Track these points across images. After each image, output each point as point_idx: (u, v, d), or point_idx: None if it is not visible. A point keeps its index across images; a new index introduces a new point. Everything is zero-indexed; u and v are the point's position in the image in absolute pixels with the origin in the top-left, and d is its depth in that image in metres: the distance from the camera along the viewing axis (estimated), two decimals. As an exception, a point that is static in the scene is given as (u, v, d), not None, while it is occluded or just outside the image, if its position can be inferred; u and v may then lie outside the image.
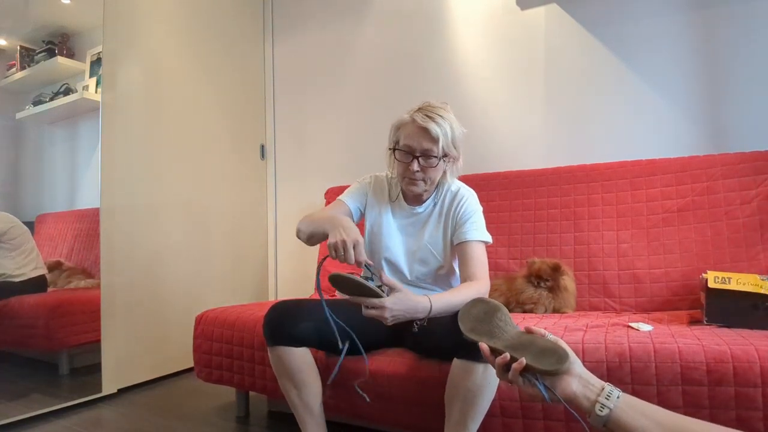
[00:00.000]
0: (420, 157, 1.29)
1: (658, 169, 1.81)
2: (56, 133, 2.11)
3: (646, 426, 0.66)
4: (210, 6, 2.62)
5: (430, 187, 1.35)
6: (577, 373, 0.76)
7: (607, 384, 0.73)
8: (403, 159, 1.31)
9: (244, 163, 2.80)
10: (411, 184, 1.33)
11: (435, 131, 1.26)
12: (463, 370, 1.09)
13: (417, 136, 1.28)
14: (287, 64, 2.88)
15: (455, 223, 1.35)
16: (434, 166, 1.30)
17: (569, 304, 1.70)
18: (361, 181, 1.49)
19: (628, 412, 0.68)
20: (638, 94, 1.99)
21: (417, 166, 1.29)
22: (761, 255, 1.59)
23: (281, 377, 1.30)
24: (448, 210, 1.37)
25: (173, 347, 2.32)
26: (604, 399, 0.70)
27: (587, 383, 0.75)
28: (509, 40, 2.24)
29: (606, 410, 0.69)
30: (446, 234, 1.37)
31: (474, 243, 1.31)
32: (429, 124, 1.26)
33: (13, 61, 1.98)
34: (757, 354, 1.04)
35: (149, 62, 2.29)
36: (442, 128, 1.27)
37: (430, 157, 1.29)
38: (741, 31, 1.83)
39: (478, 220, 1.35)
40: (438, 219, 1.38)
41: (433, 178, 1.33)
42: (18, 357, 2.02)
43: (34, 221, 2.00)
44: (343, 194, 1.46)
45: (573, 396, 0.74)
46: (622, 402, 0.69)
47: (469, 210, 1.35)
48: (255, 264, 2.83)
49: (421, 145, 1.28)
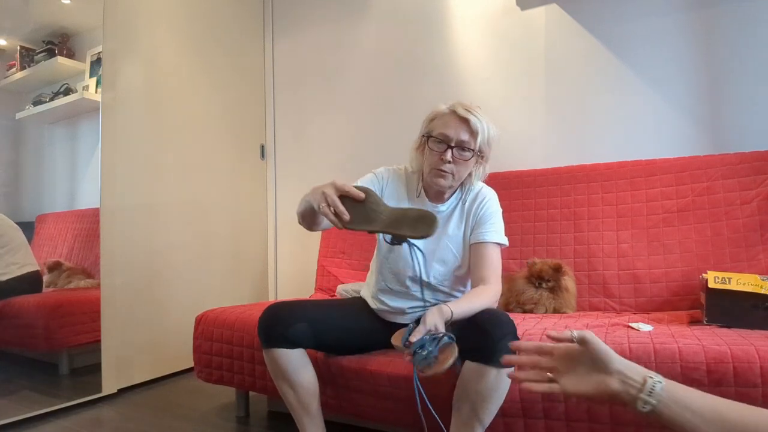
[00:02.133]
0: (455, 148, 1.27)
1: (658, 169, 1.81)
2: (56, 133, 2.11)
3: (690, 420, 0.65)
4: (210, 6, 2.62)
5: (455, 183, 1.33)
6: (616, 370, 0.73)
7: (649, 376, 0.70)
8: (437, 148, 1.28)
9: (244, 163, 2.80)
10: (439, 176, 1.29)
11: (475, 124, 1.25)
12: (476, 373, 1.07)
13: (456, 126, 1.26)
14: (287, 64, 2.88)
15: (475, 223, 1.34)
16: (467, 160, 1.28)
17: (569, 304, 1.70)
18: (376, 172, 1.42)
19: (671, 407, 0.66)
20: (638, 94, 1.99)
21: (450, 156, 1.26)
22: (761, 255, 1.59)
23: (277, 379, 1.30)
24: (470, 208, 1.36)
25: (173, 347, 2.32)
26: (646, 396, 0.68)
27: (627, 378, 0.72)
28: (509, 40, 2.24)
29: (648, 407, 0.68)
30: (466, 232, 1.35)
31: (490, 245, 1.30)
32: (470, 117, 1.25)
33: (13, 61, 1.98)
34: (757, 354, 1.04)
35: (149, 62, 2.29)
36: (482, 124, 1.26)
37: (465, 150, 1.27)
38: (741, 31, 1.83)
39: (497, 222, 1.34)
40: (460, 217, 1.36)
41: (461, 174, 1.31)
42: (18, 357, 2.02)
43: (34, 221, 2.00)
44: (357, 182, 1.37)
45: (616, 394, 0.72)
46: (666, 396, 0.67)
47: (490, 211, 1.34)
48: (255, 264, 2.83)
49: (459, 135, 1.26)
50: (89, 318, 2.03)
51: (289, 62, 2.87)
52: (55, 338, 2.00)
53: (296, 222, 1.34)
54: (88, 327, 2.03)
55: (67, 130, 2.13)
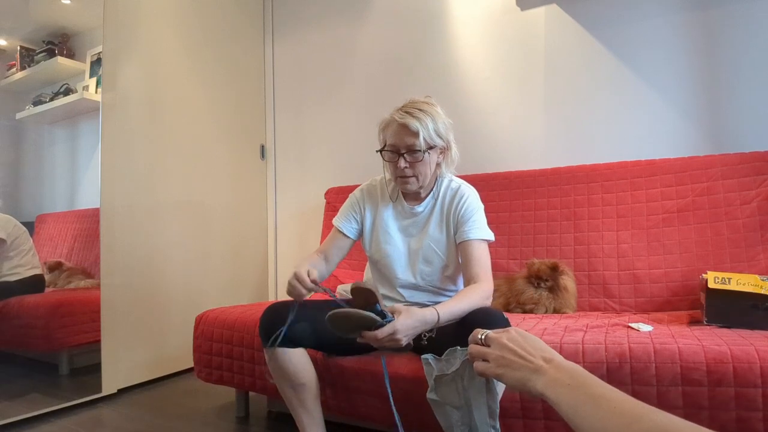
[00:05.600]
0: (405, 154, 1.29)
1: (658, 170, 1.81)
2: (56, 133, 2.11)
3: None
4: (210, 6, 2.62)
5: (423, 182, 1.35)
6: None
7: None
8: (390, 159, 1.32)
9: (244, 163, 2.80)
10: (404, 183, 1.33)
11: (414, 126, 1.26)
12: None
13: (398, 133, 1.28)
14: (287, 64, 2.88)
15: (457, 222, 1.35)
16: (420, 160, 1.30)
17: (569, 304, 1.70)
18: (351, 196, 1.48)
19: None
20: (638, 94, 1.99)
21: (404, 163, 1.29)
22: (761, 255, 1.59)
23: (278, 378, 1.30)
24: (449, 208, 1.37)
25: (173, 347, 2.32)
26: None
27: None
28: (509, 40, 2.24)
29: None
30: (449, 232, 1.37)
31: (476, 242, 1.31)
32: (407, 120, 1.26)
33: (13, 62, 1.98)
34: (757, 354, 1.04)
35: (149, 62, 2.29)
36: (422, 121, 1.27)
37: (414, 152, 1.29)
38: (741, 32, 1.83)
39: (479, 219, 1.34)
40: (440, 217, 1.38)
41: (424, 173, 1.32)
42: (18, 357, 2.02)
43: (34, 221, 2.00)
44: (337, 217, 1.46)
45: None
46: None
47: (471, 208, 1.35)
48: (255, 264, 2.83)
49: (404, 141, 1.28)
50: (89, 318, 2.03)
51: (289, 62, 2.87)
52: (55, 338, 2.00)
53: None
54: (88, 327, 2.03)
55: (67, 130, 2.13)
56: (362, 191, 1.48)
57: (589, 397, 0.58)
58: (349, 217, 1.44)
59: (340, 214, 1.46)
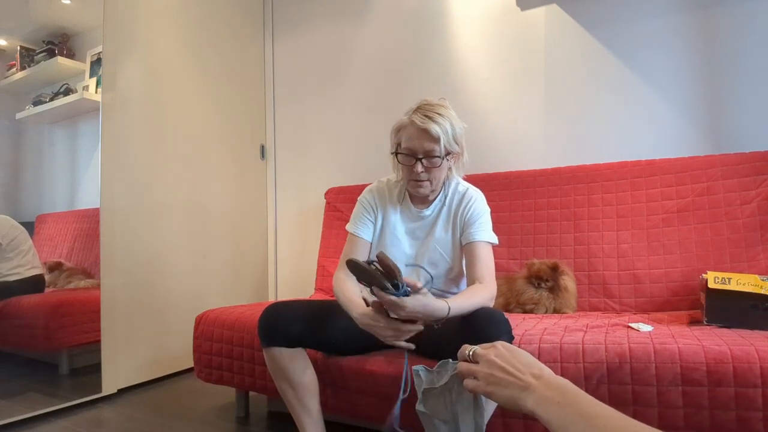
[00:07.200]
0: (423, 159, 1.28)
1: (658, 170, 1.81)
2: (56, 133, 2.11)
3: None
4: (210, 6, 2.62)
5: (436, 186, 1.35)
6: None
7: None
8: (406, 162, 1.31)
9: (244, 163, 2.80)
10: (417, 186, 1.32)
11: (435, 131, 1.25)
12: None
13: (418, 137, 1.27)
14: (287, 64, 2.88)
15: (463, 224, 1.35)
16: (438, 166, 1.29)
17: (570, 304, 1.70)
18: (362, 200, 1.46)
19: None
20: (638, 94, 1.99)
21: (421, 167, 1.28)
22: (761, 255, 1.59)
23: (277, 378, 1.30)
24: (456, 211, 1.37)
25: (173, 347, 2.32)
26: None
27: None
28: (509, 40, 2.24)
29: None
30: (455, 235, 1.37)
31: (481, 244, 1.31)
32: (428, 125, 1.25)
33: (13, 62, 1.98)
34: (757, 354, 1.04)
35: (149, 62, 2.29)
36: (442, 127, 1.26)
37: (433, 158, 1.28)
38: (741, 32, 1.83)
39: (485, 222, 1.35)
40: (447, 220, 1.38)
41: (438, 178, 1.32)
42: (18, 357, 2.02)
43: (34, 221, 2.00)
44: (351, 224, 1.43)
45: None
46: None
47: (478, 211, 1.35)
48: (255, 264, 2.83)
49: (423, 146, 1.27)
50: (89, 318, 2.03)
51: (289, 62, 2.87)
52: (55, 338, 2.00)
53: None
54: (88, 327, 2.03)
55: (67, 130, 2.13)
56: (372, 193, 1.46)
57: (579, 415, 0.58)
58: (365, 221, 1.42)
59: (354, 220, 1.44)
